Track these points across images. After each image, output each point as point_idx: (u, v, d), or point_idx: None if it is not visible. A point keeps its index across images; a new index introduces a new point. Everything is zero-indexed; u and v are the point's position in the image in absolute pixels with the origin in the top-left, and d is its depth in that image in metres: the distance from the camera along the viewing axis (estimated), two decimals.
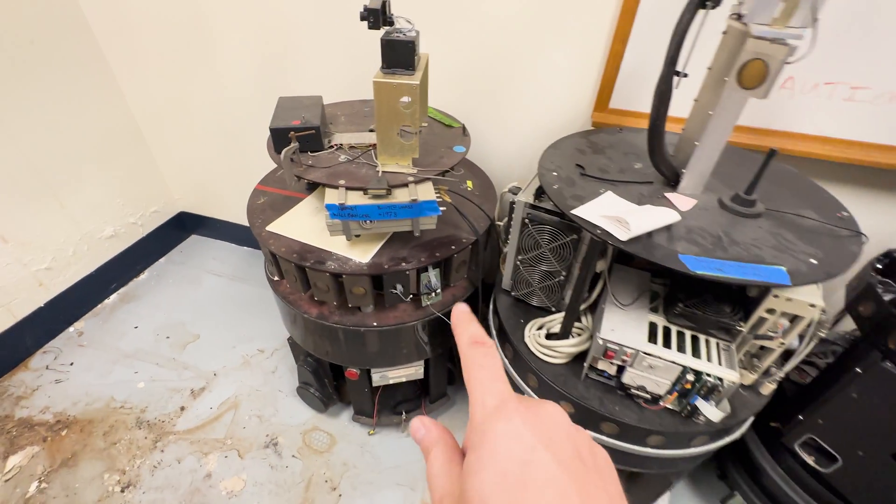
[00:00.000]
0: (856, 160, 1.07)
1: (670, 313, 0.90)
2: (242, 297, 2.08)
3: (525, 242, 1.03)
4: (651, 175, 0.96)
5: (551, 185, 0.91)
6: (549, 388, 0.99)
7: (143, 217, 2.14)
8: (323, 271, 1.02)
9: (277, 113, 1.07)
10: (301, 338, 1.29)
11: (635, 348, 0.85)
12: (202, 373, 1.75)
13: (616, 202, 0.86)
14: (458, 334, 0.28)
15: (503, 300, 1.18)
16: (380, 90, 0.90)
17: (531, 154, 1.51)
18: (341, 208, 0.92)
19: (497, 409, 0.23)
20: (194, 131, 1.94)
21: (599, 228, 0.78)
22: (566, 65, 1.30)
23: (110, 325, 1.93)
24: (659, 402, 0.89)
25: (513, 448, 0.21)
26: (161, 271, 2.22)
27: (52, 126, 1.67)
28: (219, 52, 1.64)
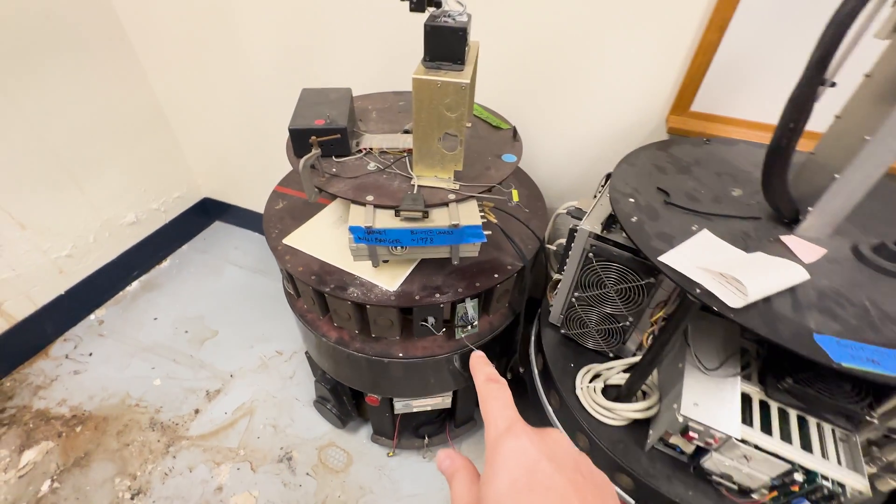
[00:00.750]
0: None
1: (772, 387, 0.71)
2: (262, 292, 1.99)
3: (586, 278, 0.85)
4: (756, 208, 0.76)
5: (629, 217, 0.72)
6: (604, 454, 0.83)
7: (165, 203, 2.06)
8: (344, 299, 0.88)
9: (299, 109, 0.92)
10: (319, 359, 1.17)
11: (726, 434, 0.67)
12: (218, 373, 1.67)
13: (716, 246, 0.67)
14: (475, 374, 0.32)
15: (550, 336, 1.01)
16: (420, 89, 0.73)
17: (586, 162, 1.31)
18: (368, 232, 0.77)
19: (507, 429, 0.27)
20: (219, 116, 1.83)
21: (699, 287, 0.59)
22: (639, 56, 1.08)
23: (130, 314, 1.88)
24: (750, 496, 0.71)
25: (520, 460, 0.25)
26: (183, 259, 2.15)
27: (71, 108, 1.58)
28: (244, 35, 1.50)
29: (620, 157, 1.25)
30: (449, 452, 0.30)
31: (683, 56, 1.04)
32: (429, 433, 1.42)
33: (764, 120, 1.02)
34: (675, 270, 0.62)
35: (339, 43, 1.38)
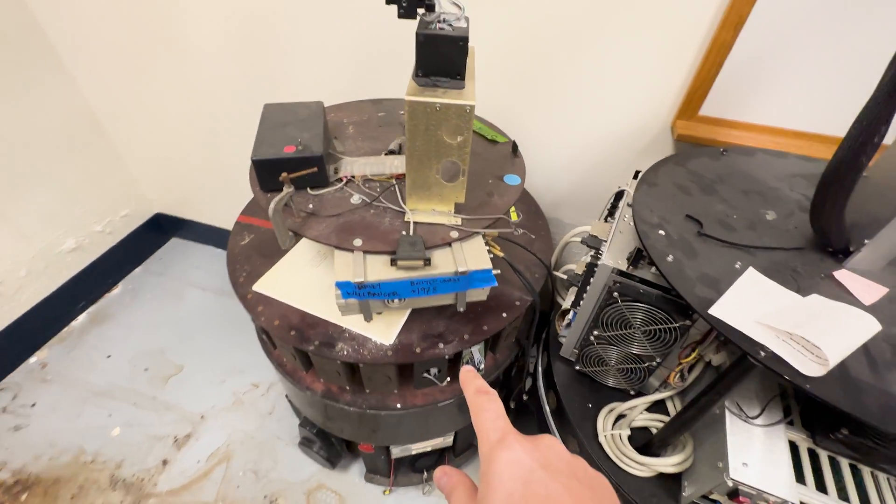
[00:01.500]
0: None
1: (823, 436, 0.65)
2: (230, 317, 1.81)
3: (607, 317, 0.75)
4: (796, 234, 0.68)
5: (664, 257, 0.62)
6: None
7: (111, 223, 1.83)
8: (331, 358, 0.75)
9: (263, 133, 0.76)
10: (303, 408, 1.03)
11: (783, 498, 0.59)
12: (187, 415, 1.50)
13: (766, 288, 0.58)
14: (465, 387, 0.31)
15: (562, 371, 0.92)
16: (415, 113, 0.60)
17: (584, 169, 1.21)
18: (359, 287, 0.64)
19: (499, 441, 0.26)
20: (167, 123, 1.61)
21: (764, 350, 0.50)
22: (644, 58, 0.98)
23: (79, 353, 1.66)
24: None
25: (514, 471, 0.24)
26: (137, 284, 1.93)
27: None
28: (191, 32, 1.29)
29: (623, 165, 1.17)
30: (446, 469, 0.30)
31: (692, 57, 0.94)
32: (427, 467, 1.32)
33: (779, 125, 0.94)
34: (732, 328, 0.53)
35: (302, 40, 1.21)
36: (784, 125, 0.93)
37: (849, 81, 0.85)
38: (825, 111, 0.89)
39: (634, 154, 1.15)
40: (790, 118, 0.92)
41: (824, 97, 0.88)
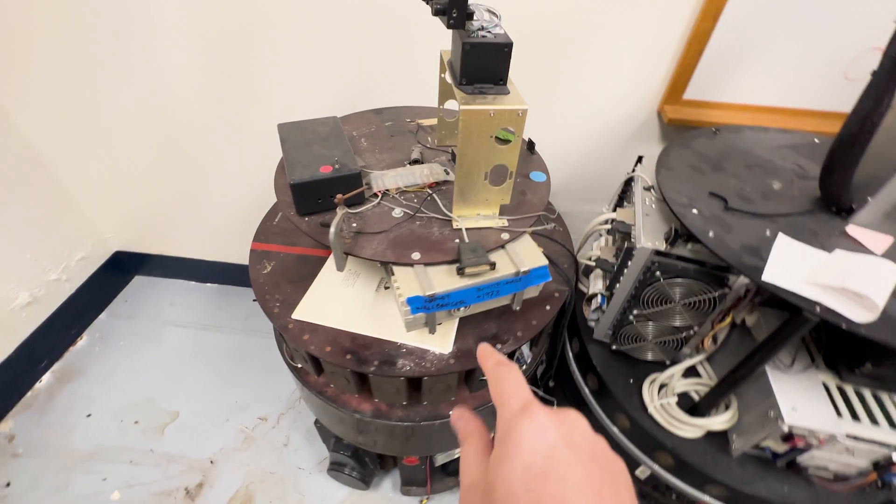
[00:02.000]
0: None
1: (848, 372, 0.74)
2: (220, 351, 1.70)
3: (648, 295, 0.80)
4: (803, 199, 0.76)
5: (706, 233, 0.68)
6: (691, 470, 0.81)
7: (67, 269, 1.64)
8: (395, 376, 0.74)
9: (290, 154, 0.73)
10: (343, 432, 1.00)
11: (832, 432, 0.67)
12: (194, 463, 1.40)
13: (798, 250, 0.65)
14: (485, 360, 0.30)
15: (598, 353, 0.97)
16: (470, 121, 0.60)
17: (578, 157, 1.27)
18: (429, 301, 0.63)
19: (522, 410, 0.25)
20: (123, 153, 1.47)
21: (819, 306, 0.57)
22: (631, 49, 1.04)
23: (50, 418, 1.49)
24: (846, 482, 0.74)
25: (536, 444, 0.23)
26: (105, 331, 1.76)
27: None
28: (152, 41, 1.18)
29: (615, 152, 1.24)
30: (463, 412, 0.29)
31: (675, 47, 1.02)
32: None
33: (756, 102, 1.05)
34: (787, 291, 0.59)
35: (282, 56, 1.16)
36: (761, 102, 1.04)
37: (813, 60, 0.96)
38: (795, 87, 1.01)
39: (624, 141, 1.22)
40: (765, 96, 1.03)
41: (793, 75, 0.99)
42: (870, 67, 0.93)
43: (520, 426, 0.24)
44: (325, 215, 0.73)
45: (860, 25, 0.90)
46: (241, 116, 1.32)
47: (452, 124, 0.89)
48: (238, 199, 1.59)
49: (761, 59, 0.98)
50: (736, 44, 0.97)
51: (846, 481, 0.74)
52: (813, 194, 0.77)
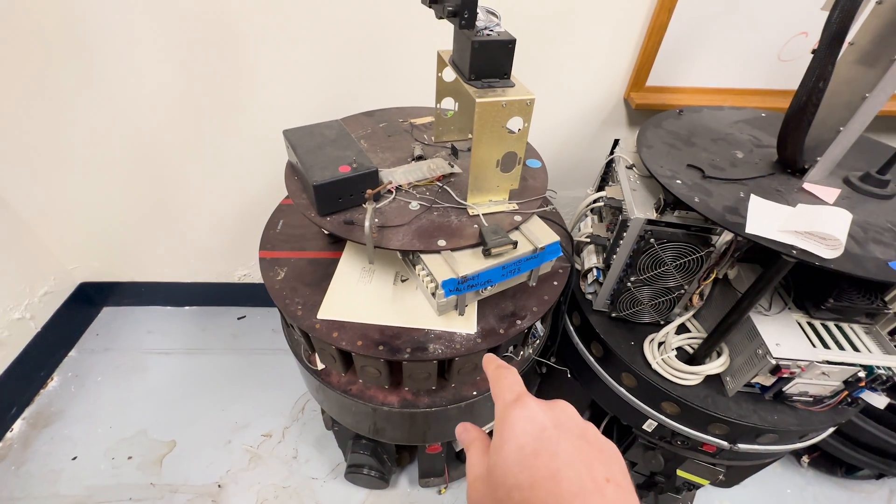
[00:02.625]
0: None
1: (815, 308, 0.86)
2: (210, 374, 1.65)
3: (643, 262, 0.89)
4: (764, 165, 0.88)
5: (692, 199, 0.77)
6: (696, 412, 0.91)
7: (30, 307, 1.53)
8: (427, 360, 0.77)
9: (305, 158, 0.75)
10: (367, 429, 1.02)
11: (810, 359, 0.78)
12: (200, 489, 1.35)
13: (769, 207, 0.75)
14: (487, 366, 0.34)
15: (599, 322, 1.05)
16: (485, 113, 0.66)
17: (556, 147, 1.35)
18: (462, 282, 0.68)
19: (515, 400, 0.28)
20: (87, 177, 1.40)
21: (795, 248, 0.67)
22: (597, 44, 1.14)
23: (30, 467, 1.38)
24: (823, 403, 0.86)
25: (526, 427, 0.26)
26: (78, 369, 1.65)
27: None
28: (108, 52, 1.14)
29: (587, 139, 1.34)
30: (466, 426, 0.33)
31: (636, 39, 1.13)
32: None
33: (710, 85, 1.18)
34: (767, 239, 0.68)
35: (262, 63, 1.16)
36: (714, 85, 1.17)
37: (754, 45, 1.10)
38: (741, 70, 1.14)
39: (596, 128, 1.32)
40: (717, 78, 1.16)
41: (739, 59, 1.12)
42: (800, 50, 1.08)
43: (513, 414, 0.27)
44: (345, 213, 0.75)
45: (790, 14, 1.04)
46: (215, 131, 1.29)
47: (449, 121, 0.94)
48: (217, 218, 1.55)
49: (712, 46, 1.10)
50: (689, 34, 1.09)
51: (823, 403, 0.86)
52: (771, 159, 0.89)
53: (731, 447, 0.93)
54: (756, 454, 0.95)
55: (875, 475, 1.40)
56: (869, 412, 1.22)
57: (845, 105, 0.75)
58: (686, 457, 1.04)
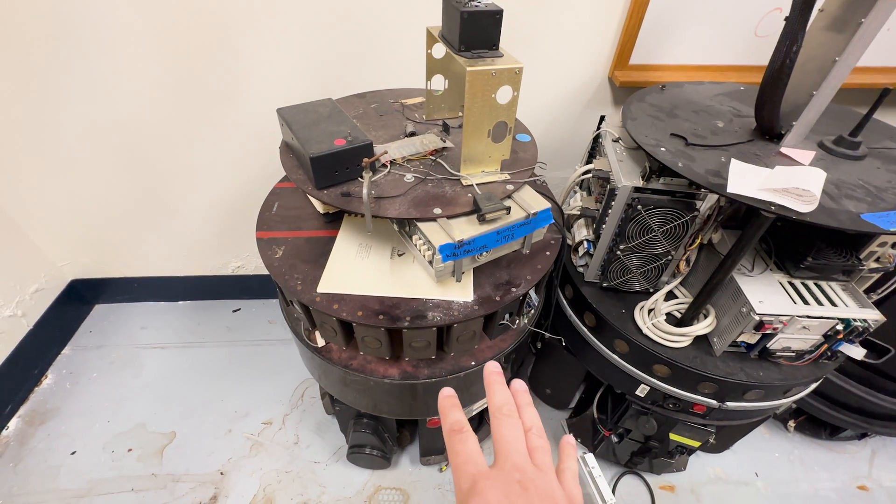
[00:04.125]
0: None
1: (794, 267, 0.90)
2: (207, 366, 1.65)
3: (630, 230, 0.92)
4: (743, 132, 0.92)
5: (675, 164, 0.80)
6: (687, 373, 0.94)
7: (21, 304, 1.52)
8: (427, 327, 0.80)
9: (300, 133, 0.76)
10: (370, 405, 1.04)
11: (791, 314, 0.82)
12: (203, 478, 1.36)
13: (748, 170, 0.79)
14: (442, 420, 0.32)
15: (590, 293, 1.08)
16: (475, 82, 0.68)
17: (543, 126, 1.38)
18: (458, 247, 0.70)
19: (469, 490, 0.26)
20: (72, 170, 1.38)
21: (773, 205, 0.70)
22: (580, 24, 1.17)
23: (28, 463, 1.37)
24: (804, 358, 0.90)
25: None
26: (72, 366, 1.64)
27: None
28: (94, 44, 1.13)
29: (573, 119, 1.37)
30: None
31: (618, 18, 1.16)
32: (475, 427, 1.40)
33: (690, 62, 1.21)
34: (746, 197, 0.72)
35: (253, 46, 1.16)
36: (694, 62, 1.20)
37: (731, 23, 1.14)
38: (719, 47, 1.18)
39: (582, 107, 1.35)
40: (697, 55, 1.20)
41: (717, 36, 1.16)
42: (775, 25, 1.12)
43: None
44: (342, 186, 0.77)
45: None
46: (202, 121, 1.29)
47: (440, 98, 0.96)
48: (209, 210, 1.55)
49: (691, 24, 1.14)
50: (669, 13, 1.13)
51: (804, 357, 0.91)
52: (749, 127, 0.92)
53: (719, 405, 0.97)
54: (744, 412, 1.00)
55: (857, 435, 1.46)
56: (849, 373, 1.28)
57: (817, 69, 0.79)
58: (678, 419, 1.08)
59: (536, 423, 0.34)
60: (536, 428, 0.34)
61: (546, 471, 0.30)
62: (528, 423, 0.34)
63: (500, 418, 0.32)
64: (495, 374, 0.35)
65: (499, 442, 0.32)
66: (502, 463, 0.30)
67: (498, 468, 0.29)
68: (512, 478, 0.28)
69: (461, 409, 0.33)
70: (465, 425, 0.32)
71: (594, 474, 1.26)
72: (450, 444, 0.31)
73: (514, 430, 0.32)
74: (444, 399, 0.34)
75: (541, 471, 0.30)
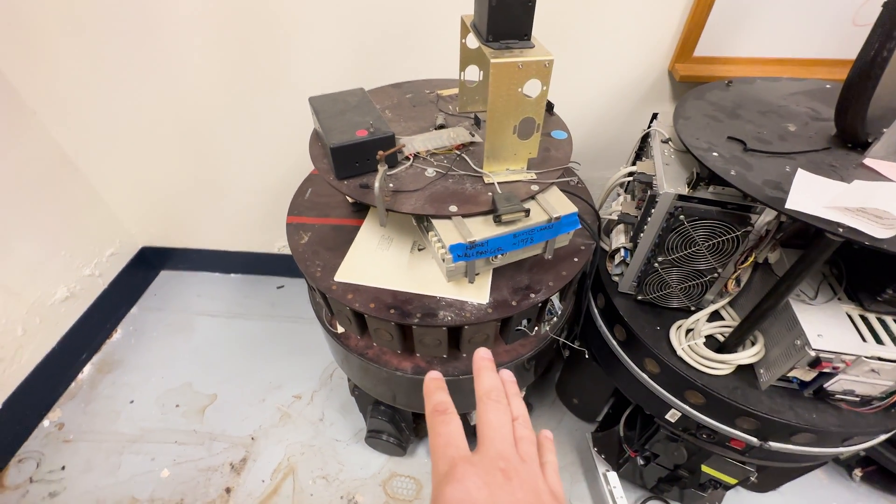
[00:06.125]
0: None
1: (869, 300, 0.77)
2: (250, 337, 1.76)
3: (671, 241, 0.84)
4: (819, 138, 0.79)
5: (728, 172, 0.71)
6: (724, 404, 0.85)
7: (99, 265, 1.71)
8: (437, 326, 0.78)
9: (326, 122, 0.77)
10: (387, 395, 1.05)
11: (857, 354, 0.71)
12: (236, 440, 1.46)
13: (818, 183, 0.68)
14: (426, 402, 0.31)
15: (624, 305, 1.00)
16: (500, 75, 0.64)
17: (591, 123, 1.30)
18: (469, 247, 0.67)
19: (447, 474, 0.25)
20: (143, 145, 1.52)
21: (842, 227, 0.60)
22: (638, 9, 1.06)
23: (96, 405, 1.55)
24: (872, 404, 0.77)
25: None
26: (137, 324, 1.82)
27: None
28: (170, 38, 1.23)
29: (625, 114, 1.27)
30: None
31: (684, 3, 1.04)
32: None
33: (767, 55, 1.07)
34: (810, 215, 0.62)
35: (301, 36, 1.19)
36: (772, 55, 1.06)
37: (823, 8, 0.98)
38: (805, 38, 1.03)
39: (636, 102, 1.24)
40: (777, 48, 1.05)
41: (804, 25, 1.01)
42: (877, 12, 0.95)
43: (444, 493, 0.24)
44: (362, 178, 0.77)
45: None
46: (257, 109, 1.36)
47: (474, 90, 0.92)
48: (257, 191, 1.63)
49: (771, 10, 1.00)
50: None
51: (872, 404, 0.78)
52: (828, 133, 0.80)
53: (761, 444, 0.87)
54: (790, 455, 0.88)
55: None
56: None
57: None
58: (712, 452, 0.98)
59: (524, 413, 0.33)
60: (523, 418, 0.32)
61: (531, 462, 0.28)
62: (516, 413, 0.32)
63: (487, 403, 0.30)
64: (485, 360, 0.34)
65: (484, 427, 0.30)
66: (486, 449, 0.28)
67: (481, 454, 0.28)
68: (495, 465, 0.26)
69: (447, 392, 0.31)
70: (449, 406, 0.30)
71: (615, 494, 1.20)
72: (431, 425, 0.29)
73: (501, 417, 0.30)
74: (429, 381, 0.32)
75: (525, 462, 0.28)
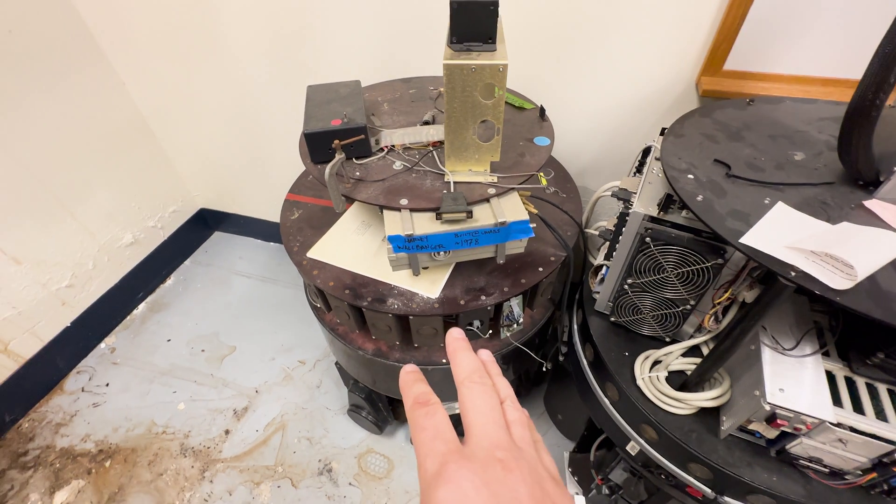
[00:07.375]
0: None
1: (859, 362, 0.67)
2: (275, 301, 1.93)
3: (640, 264, 0.79)
4: (825, 171, 0.70)
5: (693, 197, 0.66)
6: (675, 446, 0.79)
7: (162, 219, 1.97)
8: (384, 312, 0.82)
9: (310, 110, 0.83)
10: (354, 371, 1.11)
11: (820, 418, 0.63)
12: (243, 390, 1.62)
13: (796, 219, 0.61)
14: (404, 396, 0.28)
15: (597, 324, 0.96)
16: (452, 76, 0.65)
17: (609, 134, 1.24)
18: (408, 241, 0.70)
19: (437, 473, 0.22)
20: (206, 120, 1.72)
21: (794, 270, 0.54)
22: (664, 15, 0.99)
23: (142, 338, 1.81)
24: (844, 479, 0.68)
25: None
26: (187, 275, 2.07)
27: (48, 129, 1.47)
28: (227, 32, 1.38)
29: (646, 127, 1.19)
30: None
31: (714, 13, 0.96)
32: None
33: (806, 73, 0.95)
34: (761, 253, 0.56)
35: (331, 31, 1.28)
36: (811, 73, 0.94)
37: (871, 25, 0.85)
38: (850, 56, 0.90)
39: (659, 115, 1.16)
40: (817, 66, 0.93)
41: (849, 42, 0.88)
42: None
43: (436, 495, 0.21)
44: None
45: None
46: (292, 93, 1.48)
47: None
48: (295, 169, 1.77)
49: (811, 25, 0.88)
50: (782, 8, 0.89)
51: (843, 479, 0.68)
52: (839, 167, 0.70)
53: (716, 497, 0.80)
54: None
55: None
56: None
57: None
58: (671, 496, 0.92)
59: (510, 393, 0.29)
60: (511, 399, 0.28)
61: (527, 447, 0.25)
62: (503, 394, 0.28)
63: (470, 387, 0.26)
64: (459, 339, 0.30)
65: (471, 413, 0.25)
66: (478, 439, 0.24)
67: (473, 445, 0.24)
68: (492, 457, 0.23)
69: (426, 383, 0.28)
70: (431, 397, 0.26)
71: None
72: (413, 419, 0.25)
73: (489, 400, 0.26)
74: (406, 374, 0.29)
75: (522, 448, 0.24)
